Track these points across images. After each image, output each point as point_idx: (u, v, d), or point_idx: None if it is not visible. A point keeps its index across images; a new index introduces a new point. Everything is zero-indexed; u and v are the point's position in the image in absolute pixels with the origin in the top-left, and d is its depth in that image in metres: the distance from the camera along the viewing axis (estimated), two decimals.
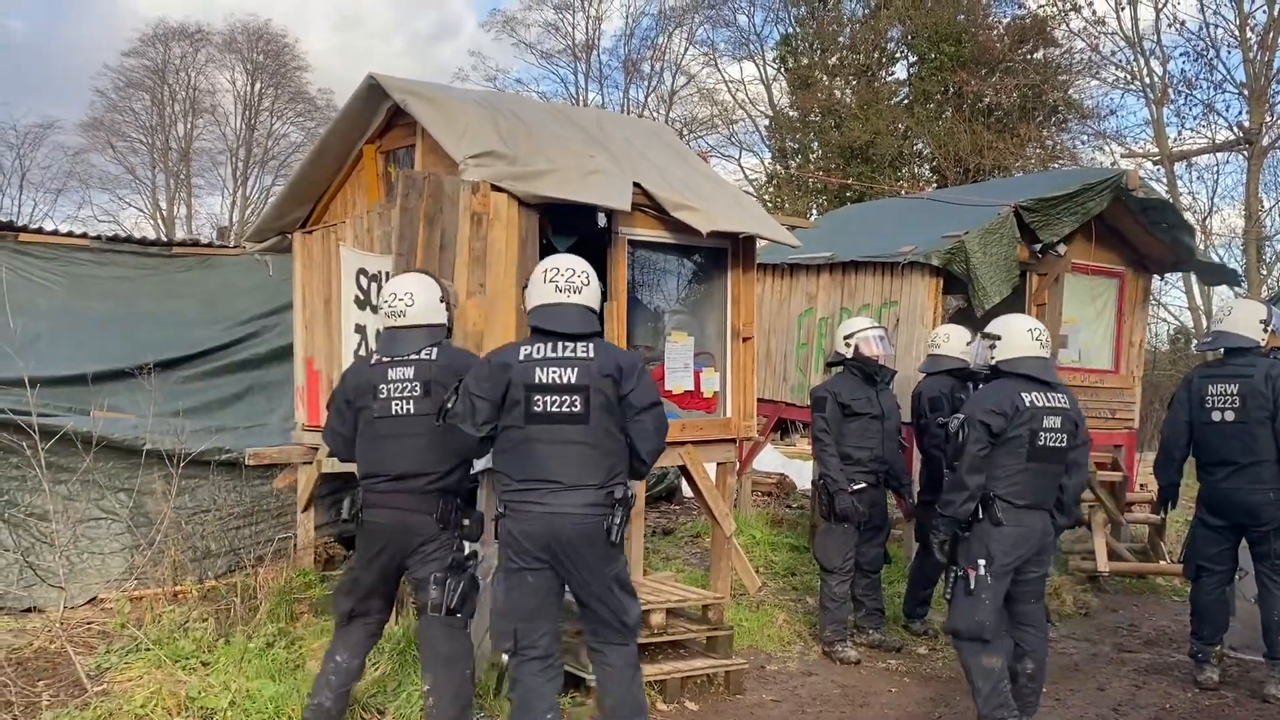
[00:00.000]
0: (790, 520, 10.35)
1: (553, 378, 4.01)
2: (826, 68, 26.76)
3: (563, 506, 3.99)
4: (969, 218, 8.25)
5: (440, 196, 5.32)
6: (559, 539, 3.99)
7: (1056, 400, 4.89)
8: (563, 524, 3.99)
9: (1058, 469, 4.91)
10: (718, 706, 5.39)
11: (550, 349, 4.06)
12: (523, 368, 4.03)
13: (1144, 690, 5.97)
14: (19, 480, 6.76)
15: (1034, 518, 4.88)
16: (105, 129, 34.47)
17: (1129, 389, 9.27)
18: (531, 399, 4.00)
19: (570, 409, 4.01)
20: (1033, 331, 5.01)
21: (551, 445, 4.01)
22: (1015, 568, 4.88)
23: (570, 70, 33.12)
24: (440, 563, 4.26)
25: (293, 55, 36.46)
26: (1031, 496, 4.85)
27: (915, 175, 25.83)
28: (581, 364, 4.04)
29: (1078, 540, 9.27)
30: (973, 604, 4.80)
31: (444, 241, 5.32)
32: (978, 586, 4.79)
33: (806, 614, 7.14)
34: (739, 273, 6.48)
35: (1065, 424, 4.88)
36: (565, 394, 4.01)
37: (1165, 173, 19.78)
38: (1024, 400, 4.82)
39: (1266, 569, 5.83)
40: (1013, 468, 4.82)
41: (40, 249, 8.30)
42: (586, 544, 4.01)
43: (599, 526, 4.00)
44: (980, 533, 4.86)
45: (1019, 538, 4.84)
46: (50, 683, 5.28)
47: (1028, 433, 4.79)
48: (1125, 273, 9.24)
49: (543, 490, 4.00)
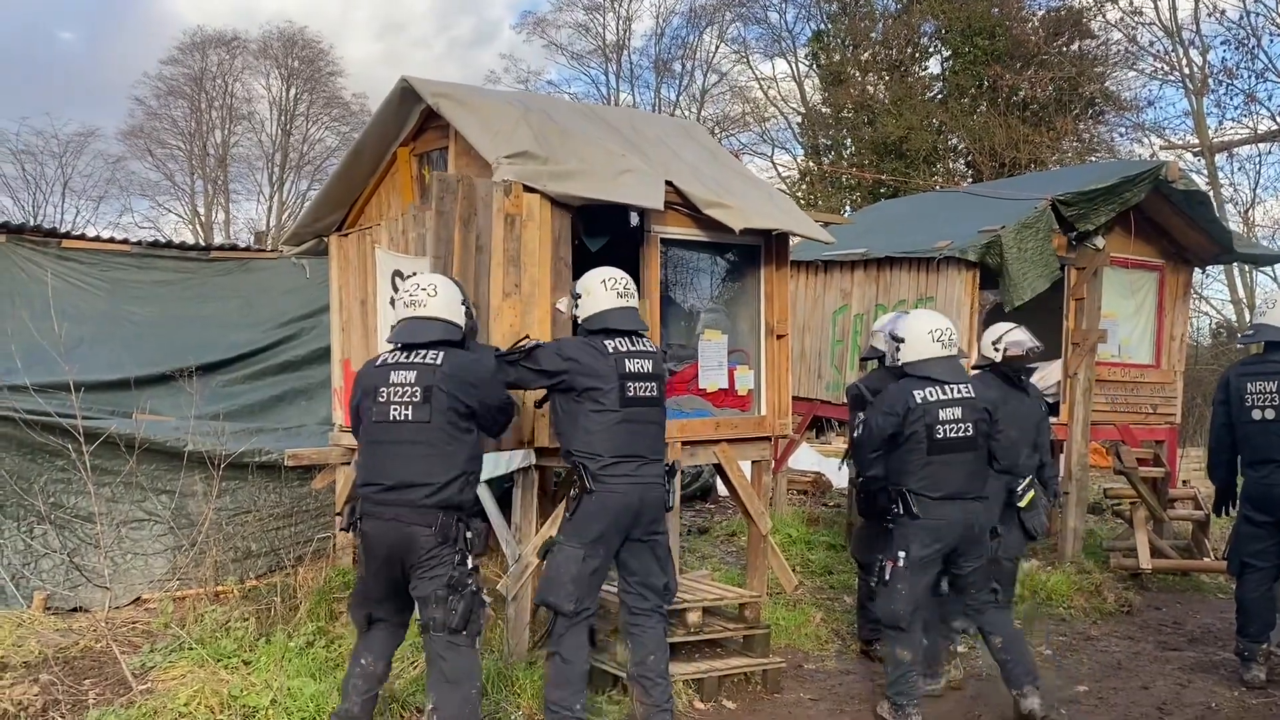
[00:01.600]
0: (827, 519, 10.30)
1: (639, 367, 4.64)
2: (859, 63, 26.59)
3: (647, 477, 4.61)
4: (1006, 211, 8.18)
5: (474, 198, 5.35)
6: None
7: (956, 392, 5.04)
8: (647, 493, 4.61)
9: (973, 457, 5.06)
10: (755, 705, 5.38)
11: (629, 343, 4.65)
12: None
13: (1189, 689, 5.88)
14: (64, 483, 6.89)
15: (952, 509, 5.02)
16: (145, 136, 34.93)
17: (1170, 384, 9.14)
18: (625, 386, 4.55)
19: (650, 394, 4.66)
20: (933, 333, 5.16)
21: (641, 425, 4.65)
22: (947, 559, 5.08)
23: (601, 71, 33.19)
24: (440, 580, 4.13)
25: (327, 61, 36.80)
26: (947, 488, 5.01)
27: (950, 170, 25.61)
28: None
29: (1119, 537, 9.15)
30: (889, 594, 5.06)
31: (479, 244, 5.35)
32: (894, 578, 5.04)
33: (844, 612, 7.11)
34: (772, 269, 6.45)
35: (969, 413, 5.04)
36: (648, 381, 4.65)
37: (1206, 164, 19.47)
38: (915, 398, 5.02)
39: None
40: (917, 463, 5.02)
41: (83, 255, 8.43)
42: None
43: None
44: (899, 526, 5.09)
45: (937, 530, 5.02)
46: (96, 681, 5.38)
47: (923, 428, 4.98)
48: (1165, 266, 9.12)
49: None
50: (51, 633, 6.09)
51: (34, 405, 6.56)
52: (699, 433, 6.15)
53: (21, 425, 6.64)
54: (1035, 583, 7.71)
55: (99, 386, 7.38)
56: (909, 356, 5.19)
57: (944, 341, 5.15)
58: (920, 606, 5.09)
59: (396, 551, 4.17)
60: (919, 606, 5.07)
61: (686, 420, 6.12)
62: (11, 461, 6.76)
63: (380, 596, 4.35)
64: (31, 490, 6.73)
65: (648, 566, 4.67)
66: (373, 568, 4.31)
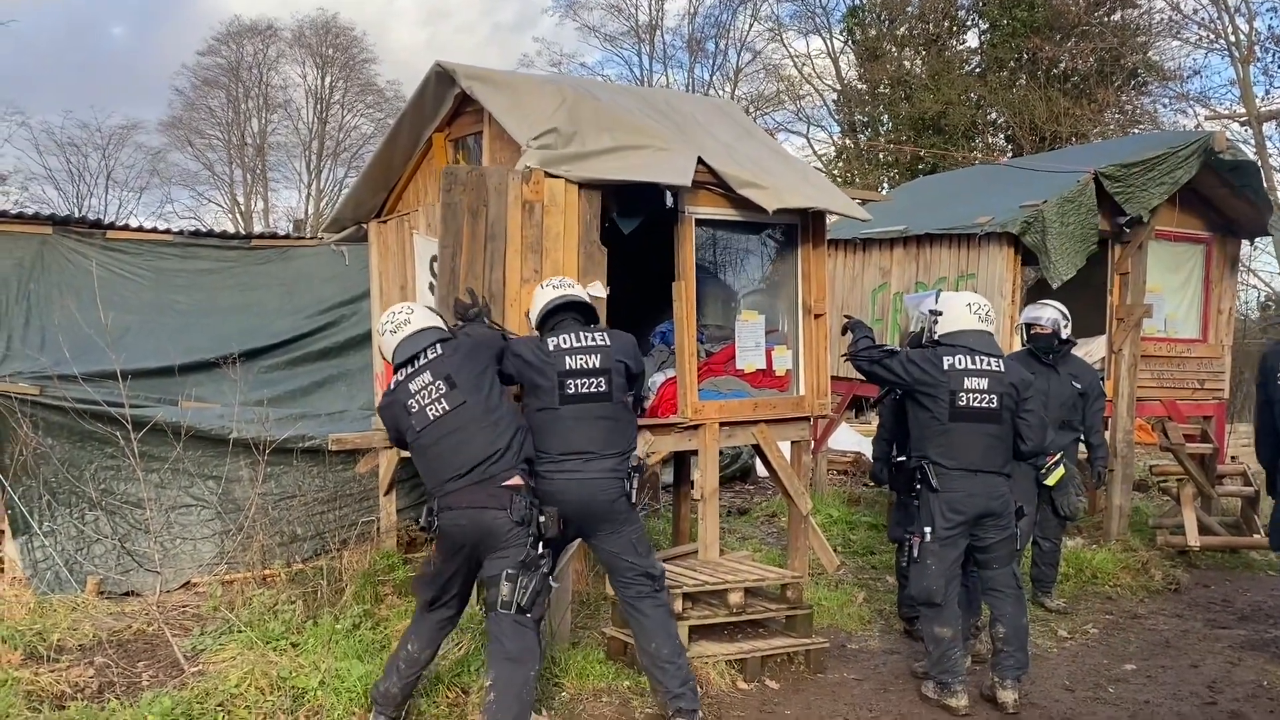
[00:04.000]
0: (868, 499, 10.25)
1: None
2: (895, 38, 26.27)
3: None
4: (1047, 186, 8.05)
5: (484, 189, 5.28)
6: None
7: (985, 363, 5.03)
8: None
9: (996, 430, 5.02)
10: (799, 685, 5.38)
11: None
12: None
13: (1240, 667, 5.79)
14: (113, 470, 7.01)
15: (974, 481, 5.01)
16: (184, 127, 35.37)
17: (1218, 358, 8.99)
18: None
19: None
20: (971, 305, 5.20)
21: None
22: (972, 533, 5.06)
23: (634, 52, 33.03)
24: (513, 559, 4.23)
25: (361, 48, 36.98)
26: (968, 458, 4.99)
27: (989, 145, 25.24)
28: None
29: (1166, 514, 9.03)
30: (920, 570, 5.08)
31: (491, 232, 5.30)
32: (922, 554, 5.06)
33: (887, 592, 7.07)
34: (809, 248, 6.41)
35: (995, 385, 5.01)
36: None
37: (1254, 134, 19.07)
38: (944, 362, 5.03)
39: None
40: (937, 429, 5.02)
41: (127, 245, 8.52)
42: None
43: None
44: (924, 500, 5.09)
45: (958, 502, 5.01)
46: (149, 664, 5.48)
47: (947, 393, 4.97)
48: (1212, 238, 8.95)
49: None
50: (105, 616, 6.21)
51: (83, 394, 6.69)
52: (737, 413, 6.14)
53: (71, 414, 6.77)
54: (1080, 561, 7.62)
55: (145, 374, 7.46)
56: (946, 328, 5.20)
57: (980, 315, 5.16)
58: (953, 580, 5.08)
59: (477, 538, 4.30)
60: (951, 580, 5.06)
61: (724, 401, 6.12)
62: (62, 449, 6.88)
63: (448, 581, 4.50)
64: (82, 477, 6.87)
65: (614, 558, 4.71)
66: (449, 553, 4.43)
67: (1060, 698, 5.28)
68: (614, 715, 4.86)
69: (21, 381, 6.85)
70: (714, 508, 6.10)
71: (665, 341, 6.40)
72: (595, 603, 6.28)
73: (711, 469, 6.02)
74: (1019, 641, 5.11)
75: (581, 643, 5.58)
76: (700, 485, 6.03)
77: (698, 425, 5.95)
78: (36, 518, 6.72)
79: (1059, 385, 6.54)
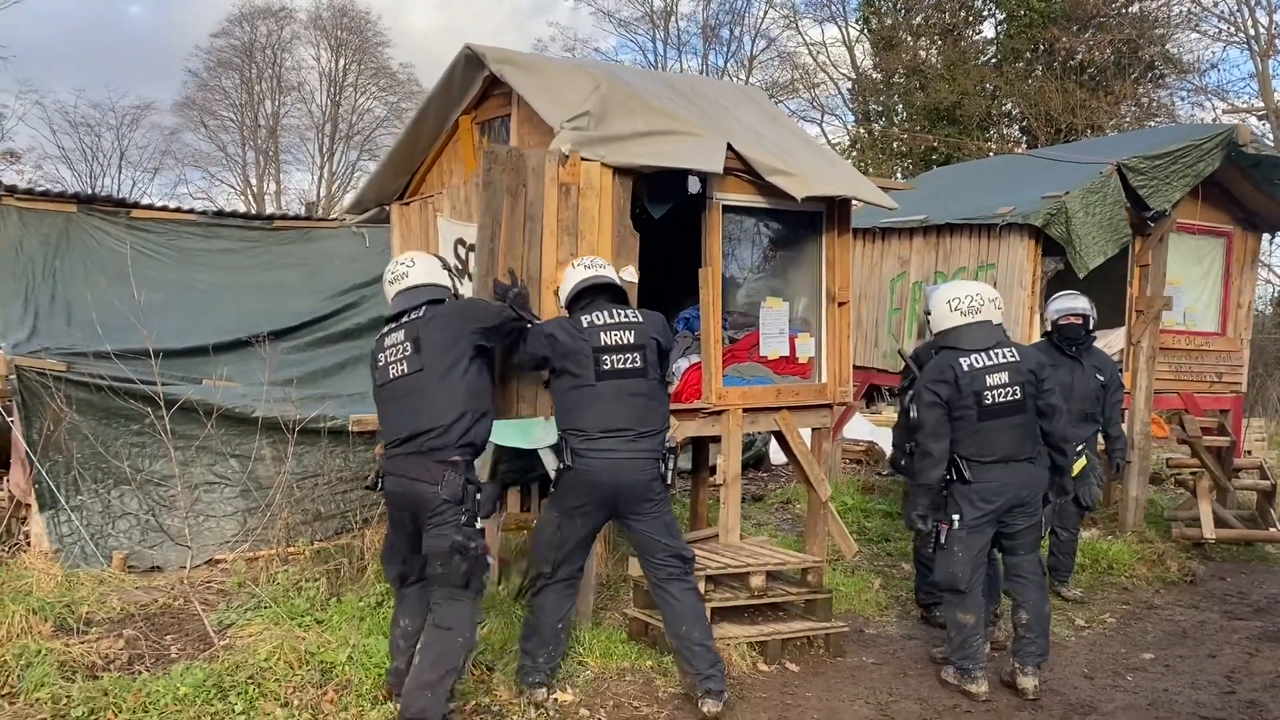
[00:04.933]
0: (882, 487, 10.31)
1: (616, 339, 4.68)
2: (911, 28, 26.18)
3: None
4: (1069, 177, 8.06)
5: (523, 170, 5.30)
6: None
7: (1001, 356, 5.06)
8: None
9: (1021, 420, 5.07)
10: (818, 668, 5.43)
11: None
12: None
13: (1257, 658, 5.84)
14: (139, 446, 7.09)
15: (1006, 471, 5.06)
16: (197, 108, 35.43)
17: (1236, 352, 8.99)
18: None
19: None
20: (951, 302, 5.21)
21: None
22: (1000, 520, 5.11)
23: (649, 38, 32.96)
24: (449, 537, 4.23)
25: (375, 31, 36.96)
26: (999, 451, 5.05)
27: (1004, 136, 25.16)
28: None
29: (1182, 507, 9.06)
30: (946, 557, 5.12)
31: (529, 213, 5.33)
32: (949, 541, 5.10)
33: (903, 579, 7.13)
34: (834, 236, 6.43)
35: (1015, 376, 5.05)
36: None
37: (1272, 128, 18.99)
38: (962, 366, 5.05)
39: None
40: (968, 430, 5.05)
41: (151, 224, 8.61)
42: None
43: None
44: (954, 491, 5.12)
45: (989, 492, 5.06)
46: (177, 637, 5.56)
47: (972, 396, 5.01)
48: (1233, 231, 8.95)
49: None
50: (132, 590, 6.30)
51: (113, 371, 6.76)
52: (760, 400, 6.18)
53: (99, 390, 6.84)
54: (1097, 552, 7.66)
55: (171, 353, 7.53)
56: (936, 327, 5.30)
57: (962, 310, 5.17)
58: (979, 568, 5.13)
59: (406, 504, 4.37)
60: (977, 568, 5.11)
61: (748, 387, 6.16)
62: (89, 426, 6.95)
63: (406, 554, 4.52)
64: (109, 453, 6.94)
65: (647, 539, 4.75)
66: (395, 524, 4.53)
67: (1079, 685, 5.33)
68: (638, 693, 4.92)
69: (50, 358, 6.92)
70: (736, 492, 6.14)
71: (689, 328, 6.44)
72: (615, 584, 6.34)
73: (735, 454, 6.06)
74: (1041, 628, 5.16)
75: (604, 623, 5.65)
76: (723, 470, 6.06)
77: (721, 411, 5.99)
78: (64, 492, 6.80)
79: (1082, 377, 6.57)
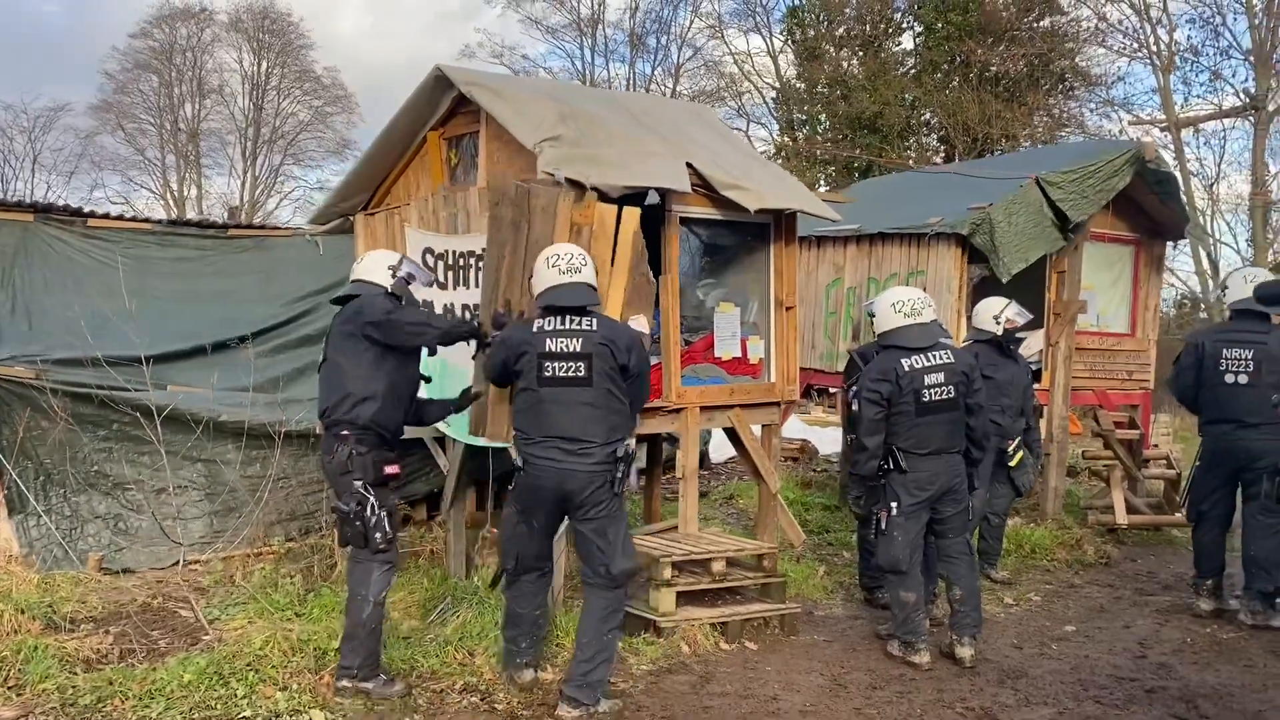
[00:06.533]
0: (819, 483, 10.82)
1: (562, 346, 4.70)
2: (833, 39, 26.98)
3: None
4: (992, 190, 8.64)
5: (524, 206, 5.35)
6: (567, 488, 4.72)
7: (937, 358, 5.57)
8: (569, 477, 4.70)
9: (953, 416, 5.60)
10: (775, 646, 5.87)
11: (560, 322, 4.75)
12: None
13: (1166, 627, 6.45)
14: (106, 452, 7.25)
15: (938, 462, 5.59)
16: (115, 111, 34.76)
17: (1145, 351, 9.69)
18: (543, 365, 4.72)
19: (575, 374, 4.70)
20: (895, 304, 5.71)
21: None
22: (931, 507, 5.63)
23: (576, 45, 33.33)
24: (349, 504, 4.84)
25: (299, 33, 36.64)
26: (932, 445, 5.56)
27: (923, 145, 26.10)
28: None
29: (1096, 496, 9.74)
30: (887, 542, 5.61)
31: (533, 251, 5.25)
32: (889, 526, 5.61)
33: (844, 566, 7.62)
34: (781, 246, 6.89)
35: (950, 377, 5.56)
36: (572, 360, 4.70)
37: (1172, 139, 20.10)
38: (903, 366, 5.53)
39: (1254, 509, 6.42)
40: (907, 424, 5.54)
41: (107, 233, 8.67)
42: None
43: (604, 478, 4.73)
44: (892, 480, 5.62)
45: (924, 481, 5.57)
46: (163, 631, 5.78)
47: (912, 394, 5.49)
48: (1140, 240, 9.65)
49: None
50: (109, 590, 6.47)
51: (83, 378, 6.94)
52: (715, 399, 6.60)
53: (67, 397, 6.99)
54: (1020, 537, 8.25)
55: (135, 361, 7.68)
56: (880, 328, 5.77)
57: (905, 312, 5.65)
58: (916, 550, 5.63)
59: (325, 476, 5.07)
60: (915, 550, 5.62)
61: (705, 387, 6.58)
62: (57, 432, 7.08)
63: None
64: (77, 459, 7.09)
65: (585, 546, 4.81)
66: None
67: (1010, 654, 5.86)
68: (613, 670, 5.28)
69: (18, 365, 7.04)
70: (694, 486, 6.56)
71: None
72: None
73: (693, 450, 6.47)
74: (974, 602, 5.68)
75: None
76: (682, 465, 6.47)
77: (680, 409, 6.39)
78: (33, 497, 6.93)
79: (1020, 374, 7.11)
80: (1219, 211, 20.80)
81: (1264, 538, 6.32)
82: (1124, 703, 5.11)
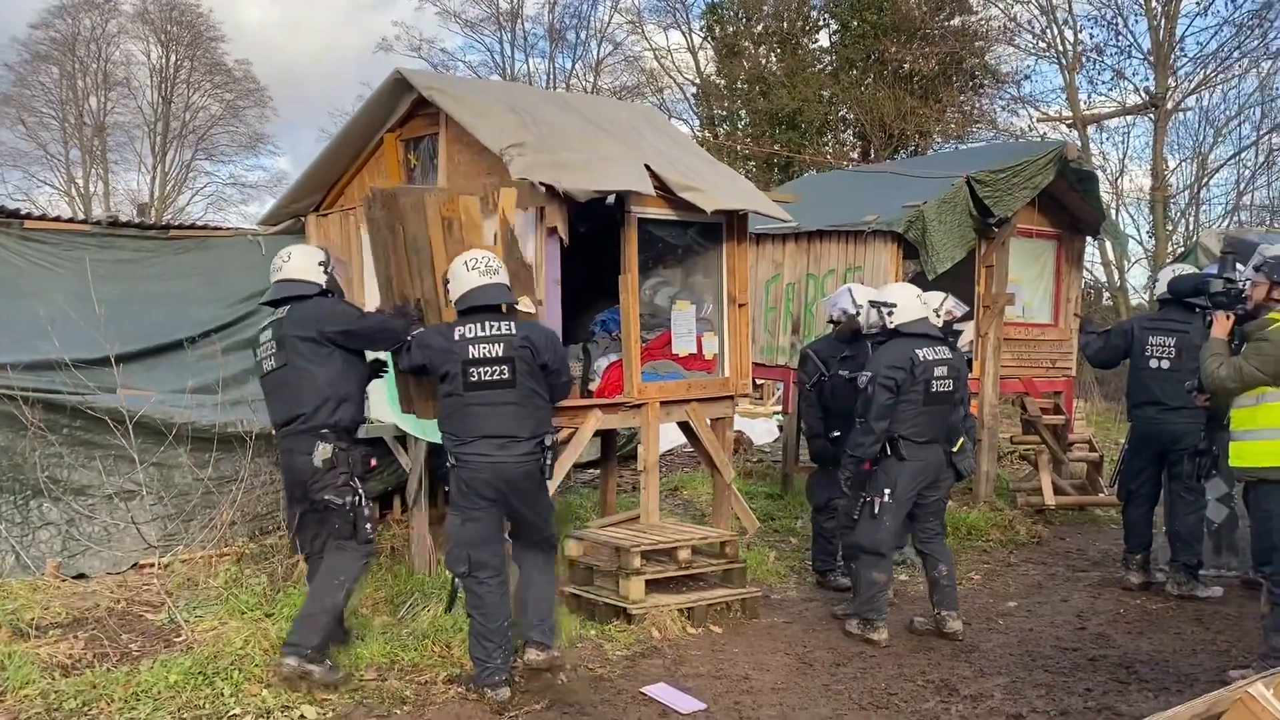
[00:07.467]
0: (758, 473, 11.13)
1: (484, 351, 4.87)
2: (752, 36, 27.35)
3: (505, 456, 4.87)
4: (924, 188, 9.01)
5: (396, 207, 5.45)
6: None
7: (941, 353, 5.94)
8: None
9: (947, 409, 5.95)
10: (738, 629, 6.11)
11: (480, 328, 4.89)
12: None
13: (1100, 600, 6.88)
14: (56, 458, 7.15)
15: (931, 451, 5.93)
16: (14, 104, 33.52)
17: (1067, 340, 10.18)
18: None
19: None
20: (920, 297, 6.10)
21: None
22: (920, 493, 5.92)
23: (495, 39, 33.20)
24: (328, 499, 4.95)
25: (208, 25, 35.77)
26: (929, 434, 5.89)
27: (841, 142, 26.68)
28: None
29: (1024, 479, 10.21)
30: (875, 526, 5.84)
31: (414, 246, 5.42)
32: (881, 511, 5.83)
33: (793, 551, 7.92)
34: (734, 245, 7.13)
35: (950, 372, 5.92)
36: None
37: (1078, 135, 20.89)
38: (918, 355, 5.83)
39: (1178, 487, 6.89)
40: (912, 412, 5.82)
41: (45, 235, 8.51)
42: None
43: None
44: (886, 467, 5.86)
45: (918, 470, 5.88)
46: (134, 635, 5.77)
47: (923, 383, 5.80)
48: (1062, 235, 10.14)
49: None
50: (70, 596, 6.41)
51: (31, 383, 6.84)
52: (673, 393, 6.82)
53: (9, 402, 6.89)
54: (957, 520, 8.64)
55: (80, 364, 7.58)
56: (901, 319, 5.98)
57: (924, 302, 6.05)
58: (899, 535, 5.96)
59: (294, 477, 5.06)
60: (898, 535, 5.94)
61: (663, 382, 6.79)
62: (3, 437, 6.98)
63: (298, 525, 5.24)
64: (25, 465, 6.99)
65: (528, 524, 5.08)
66: (287, 499, 5.25)
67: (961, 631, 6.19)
68: (590, 657, 5.49)
69: None
70: (655, 478, 6.78)
71: (605, 329, 7.02)
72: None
73: (654, 444, 6.69)
74: (954, 579, 6.06)
75: None
76: (643, 459, 6.68)
77: (641, 404, 6.59)
78: None
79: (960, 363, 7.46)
80: (1123, 205, 21.72)
81: (1187, 514, 6.80)
82: (1070, 670, 5.47)
